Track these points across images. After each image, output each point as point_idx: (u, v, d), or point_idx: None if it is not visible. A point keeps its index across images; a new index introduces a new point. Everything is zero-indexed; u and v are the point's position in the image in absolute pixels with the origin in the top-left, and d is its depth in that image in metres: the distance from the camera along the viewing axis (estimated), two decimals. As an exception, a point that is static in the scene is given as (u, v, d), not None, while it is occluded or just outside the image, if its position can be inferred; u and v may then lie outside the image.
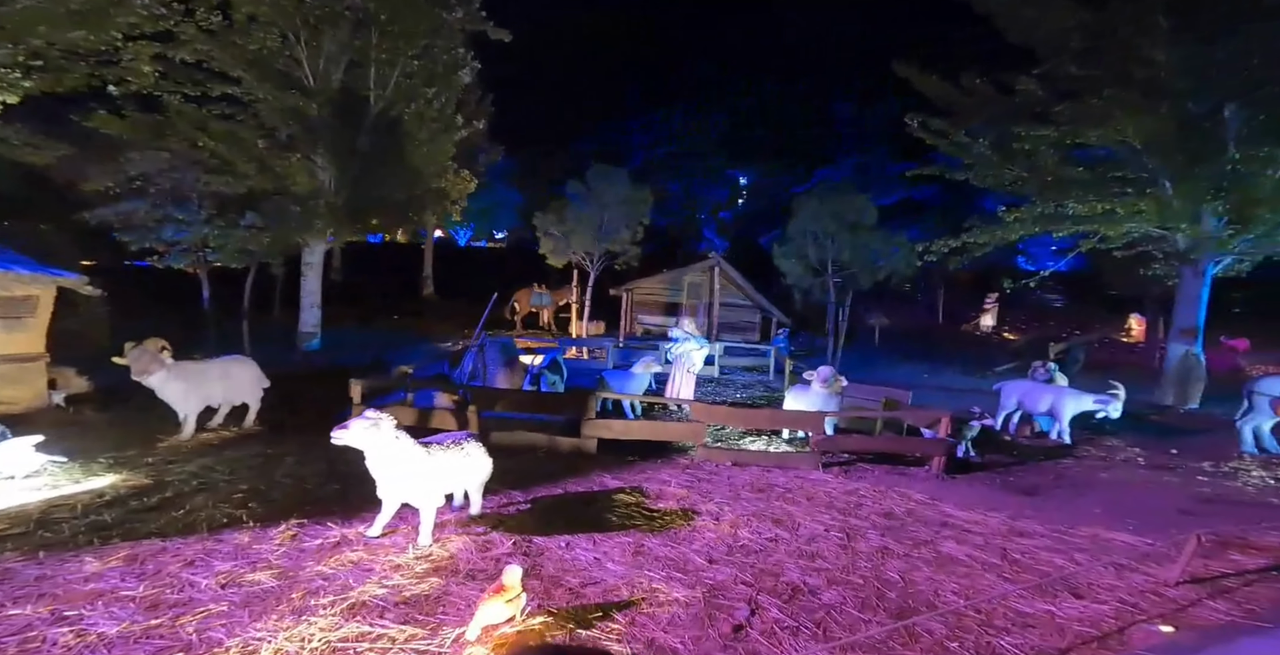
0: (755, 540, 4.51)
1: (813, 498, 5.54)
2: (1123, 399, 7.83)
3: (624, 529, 4.54)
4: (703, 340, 9.49)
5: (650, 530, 4.56)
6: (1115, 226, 10.09)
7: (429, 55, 11.58)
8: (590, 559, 3.99)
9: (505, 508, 4.78)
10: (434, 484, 3.54)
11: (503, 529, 4.28)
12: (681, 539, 4.45)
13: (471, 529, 4.16)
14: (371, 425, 3.23)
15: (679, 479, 5.88)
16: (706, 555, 4.18)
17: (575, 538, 4.29)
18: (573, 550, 4.09)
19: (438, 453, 3.61)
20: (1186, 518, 5.27)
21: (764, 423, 6.83)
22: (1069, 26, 10.36)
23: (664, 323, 21.02)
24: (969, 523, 5.02)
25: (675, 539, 4.43)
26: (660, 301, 21.39)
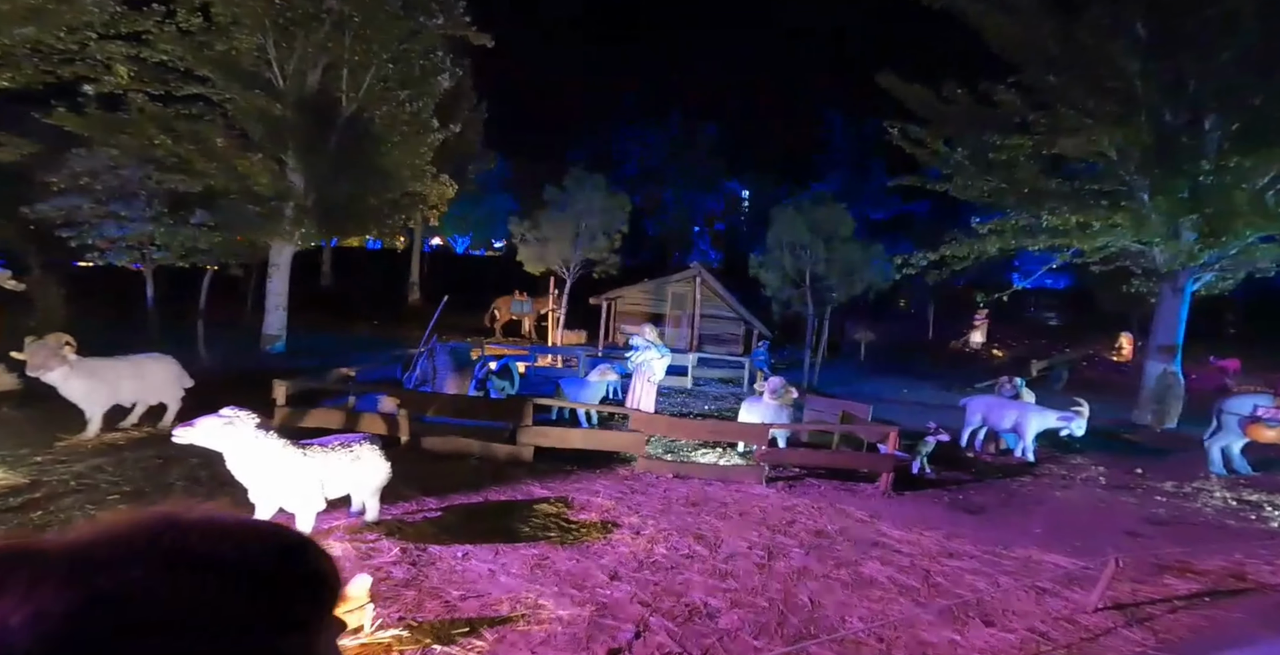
0: (670, 556, 4.31)
1: (746, 513, 5.34)
2: (1086, 416, 7.61)
3: (534, 540, 4.35)
4: (664, 349, 9.28)
5: (561, 542, 4.36)
6: (1090, 240, 9.94)
7: (404, 59, 11.57)
8: (484, 571, 3.80)
9: (413, 515, 4.59)
10: (309, 488, 3.36)
11: (399, 536, 4.09)
12: (591, 553, 4.25)
13: (361, 536, 3.97)
14: (225, 423, 3.06)
15: (612, 490, 5.68)
16: (612, 570, 3.98)
17: (476, 548, 4.10)
18: (468, 561, 3.91)
19: (317, 455, 3.44)
20: (1133, 540, 5.05)
21: (706, 434, 6.63)
22: (1043, 35, 10.29)
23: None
24: (901, 542, 4.80)
25: (585, 552, 4.24)
26: (644, 312, 21.20)
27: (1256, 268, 10.20)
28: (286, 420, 5.62)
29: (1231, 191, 8.64)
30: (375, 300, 24.84)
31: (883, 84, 12.11)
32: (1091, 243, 9.98)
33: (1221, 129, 9.28)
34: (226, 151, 9.25)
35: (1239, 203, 8.33)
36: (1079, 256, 10.91)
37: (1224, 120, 9.22)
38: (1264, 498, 6.42)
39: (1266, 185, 8.82)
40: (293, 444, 3.33)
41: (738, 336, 20.16)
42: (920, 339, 26.38)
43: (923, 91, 11.75)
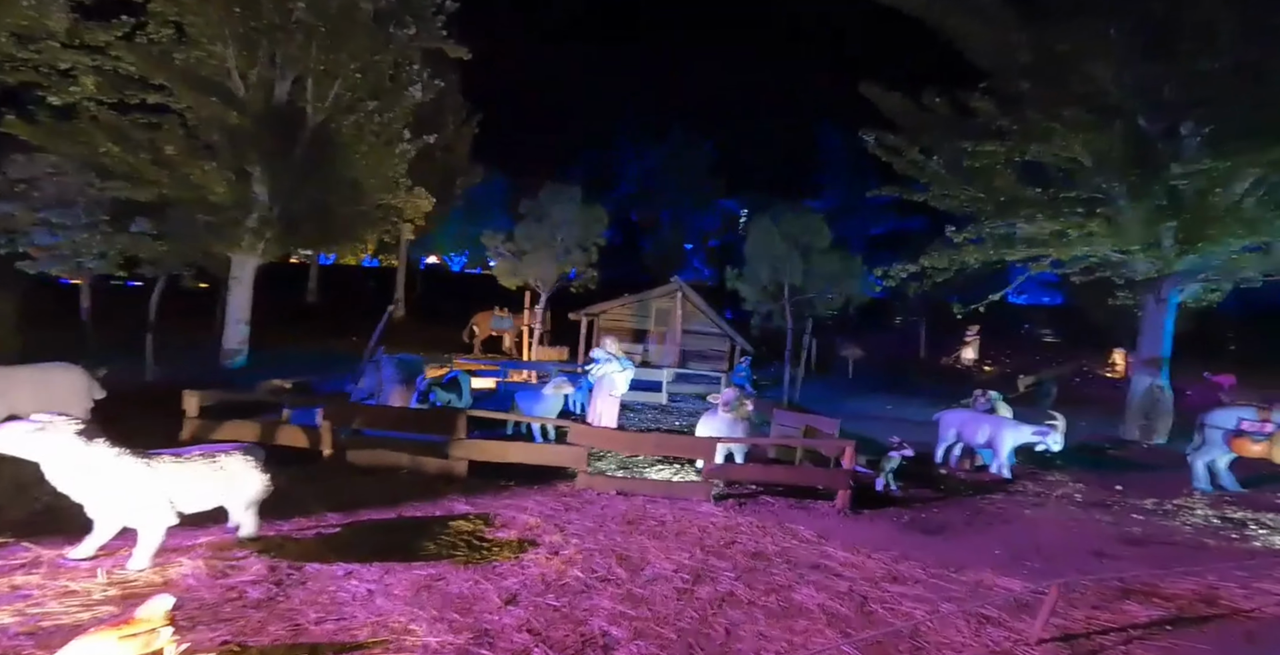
0: (583, 579, 3.93)
1: (684, 533, 4.95)
2: (1062, 430, 7.22)
3: (435, 559, 3.99)
4: (626, 362, 8.96)
5: (466, 562, 4.00)
6: (1066, 249, 9.66)
7: (375, 70, 11.49)
8: (361, 592, 3.43)
9: (306, 531, 4.23)
10: (152, 502, 3.02)
11: (277, 554, 3.72)
12: (495, 574, 3.88)
13: (229, 553, 3.60)
14: (36, 430, 2.74)
15: (545, 507, 5.31)
16: (510, 594, 3.61)
17: (365, 567, 3.73)
18: (348, 581, 3.54)
19: (164, 466, 3.10)
20: (1099, 561, 4.63)
21: (650, 449, 6.26)
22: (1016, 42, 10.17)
23: (631, 349, 20.54)
24: (845, 565, 4.41)
25: (488, 573, 3.87)
26: (628, 328, 20.90)
27: (1242, 278, 9.89)
28: (196, 433, 5.29)
29: (1208, 197, 8.39)
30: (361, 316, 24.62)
31: (865, 93, 12.01)
32: (1069, 252, 9.71)
33: (1198, 135, 9.08)
34: (179, 160, 9.09)
35: (1216, 209, 8.07)
36: (1058, 267, 10.63)
37: (1201, 126, 9.02)
38: (1249, 515, 5.99)
39: (1247, 191, 8.58)
40: (134, 453, 3.01)
41: (723, 353, 19.77)
42: (912, 356, 25.96)
43: (904, 101, 11.63)
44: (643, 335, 20.81)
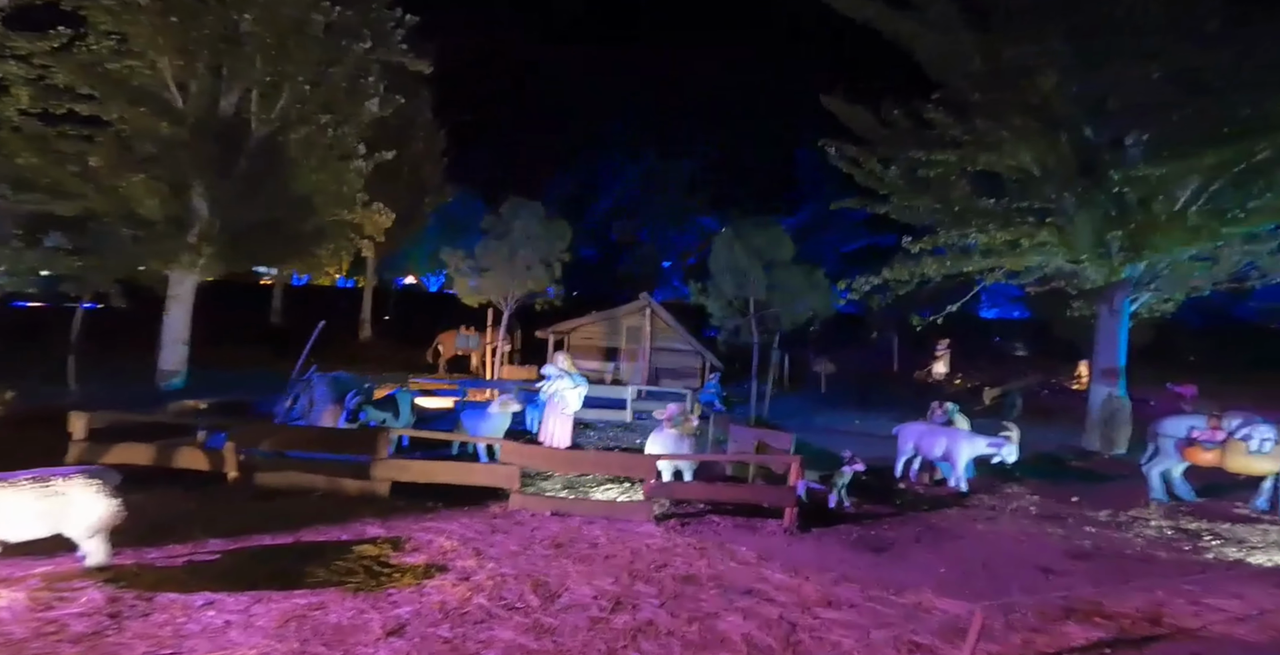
0: (488, 607, 3.61)
1: (614, 556, 4.64)
2: (1017, 441, 7.07)
3: (322, 587, 3.66)
4: (579, 378, 8.68)
5: (357, 589, 3.67)
6: (1019, 259, 9.68)
7: (326, 83, 11.26)
8: (216, 624, 3.09)
9: (174, 558, 3.86)
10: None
11: (126, 584, 3.36)
12: (388, 602, 3.55)
13: (63, 584, 3.23)
14: None
15: (469, 530, 4.98)
16: (397, 625, 3.28)
17: (232, 596, 3.39)
18: (204, 611, 3.20)
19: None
20: (1047, 577, 4.41)
21: (588, 466, 5.95)
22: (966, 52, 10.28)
23: (602, 368, 20.24)
24: (780, 589, 4.13)
25: (378, 602, 3.54)
26: (599, 346, 20.64)
27: (1192, 287, 9.99)
28: (82, 456, 4.88)
29: (1151, 205, 8.46)
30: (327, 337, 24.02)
31: (827, 106, 12.07)
32: (1021, 262, 9.73)
33: (1141, 145, 9.22)
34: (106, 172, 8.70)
35: (1159, 216, 8.13)
36: (1013, 278, 10.65)
37: (1142, 136, 9.17)
38: (1204, 526, 5.84)
39: (1189, 200, 8.69)
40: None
41: (695, 370, 19.52)
42: (885, 370, 25.99)
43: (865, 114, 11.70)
44: (614, 353, 20.54)
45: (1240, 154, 7.70)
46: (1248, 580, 4.12)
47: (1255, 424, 6.06)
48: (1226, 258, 9.21)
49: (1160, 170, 7.80)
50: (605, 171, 44.06)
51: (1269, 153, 7.75)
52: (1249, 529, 5.72)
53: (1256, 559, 4.86)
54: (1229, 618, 3.53)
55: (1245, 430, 6.07)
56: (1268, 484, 6.41)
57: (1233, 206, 8.19)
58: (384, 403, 7.18)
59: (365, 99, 11.95)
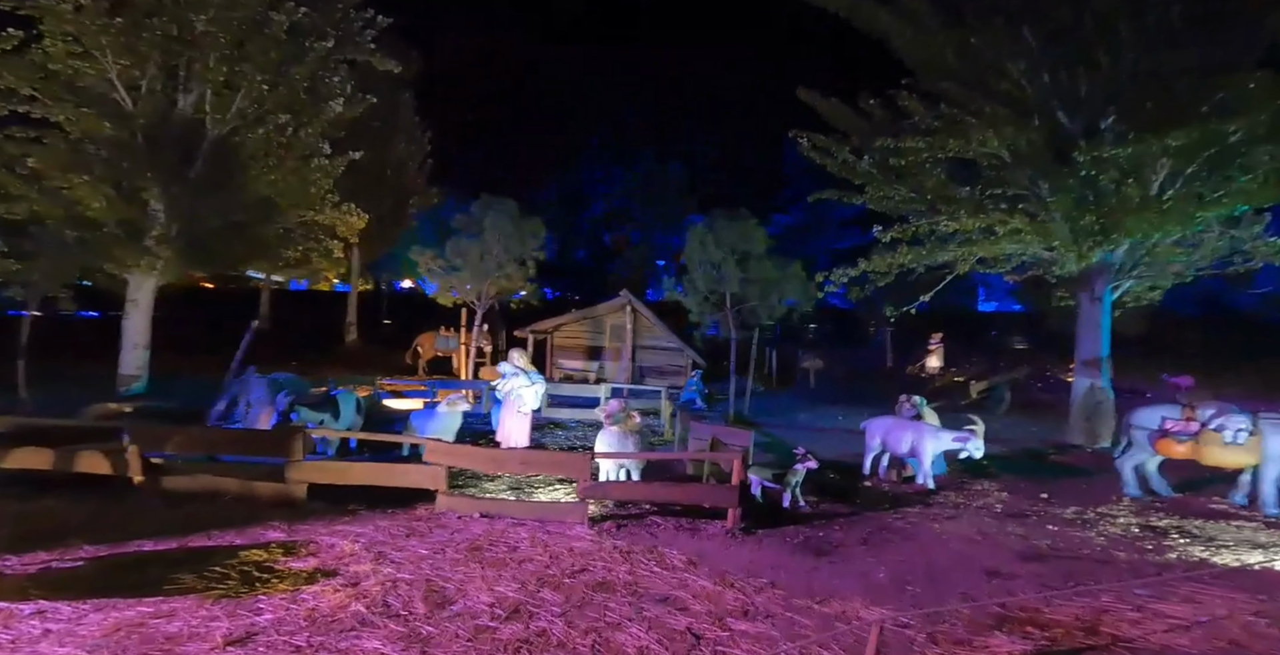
0: (364, 615, 3.35)
1: (531, 560, 4.36)
2: (982, 435, 6.74)
3: (182, 594, 3.44)
4: (536, 376, 8.39)
5: (221, 596, 3.44)
6: (993, 247, 9.36)
7: (286, 82, 11.02)
8: (33, 634, 2.87)
9: (29, 566, 3.65)
10: None
11: None
12: (248, 610, 3.33)
13: None
14: None
15: (383, 533, 4.72)
16: (245, 634, 3.03)
17: (70, 606, 3.19)
18: (28, 621, 2.99)
19: None
20: (990, 582, 4.10)
21: (516, 467, 5.66)
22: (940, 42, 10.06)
23: (586, 367, 19.97)
24: (699, 597, 3.83)
25: (237, 609, 3.31)
26: (582, 345, 20.36)
27: (1174, 273, 9.64)
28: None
29: (1123, 189, 8.15)
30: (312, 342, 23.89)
31: (804, 99, 11.82)
32: (994, 249, 9.42)
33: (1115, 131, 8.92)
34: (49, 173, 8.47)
35: (1130, 200, 7.82)
36: (990, 267, 10.32)
37: (1117, 123, 8.88)
38: (1174, 523, 5.50)
39: (1165, 184, 8.37)
40: None
41: (681, 368, 19.19)
42: (879, 366, 25.59)
43: (840, 106, 11.46)
44: (598, 352, 20.27)
45: (1210, 136, 7.44)
46: (1206, 583, 3.79)
47: (1230, 414, 5.72)
48: (1207, 243, 8.88)
49: (1126, 150, 7.49)
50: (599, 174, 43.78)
51: (1241, 135, 7.49)
52: (1221, 526, 5.38)
53: (1222, 559, 4.53)
54: (1173, 626, 3.21)
55: (1219, 421, 5.72)
56: (1245, 478, 6.06)
57: (1207, 190, 7.88)
58: (322, 403, 6.91)
59: (329, 99, 11.70)
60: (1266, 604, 3.49)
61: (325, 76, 11.67)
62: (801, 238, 36.39)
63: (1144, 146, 7.38)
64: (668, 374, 19.52)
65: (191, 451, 5.23)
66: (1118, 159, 7.58)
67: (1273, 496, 5.72)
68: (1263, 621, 3.24)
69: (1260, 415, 5.73)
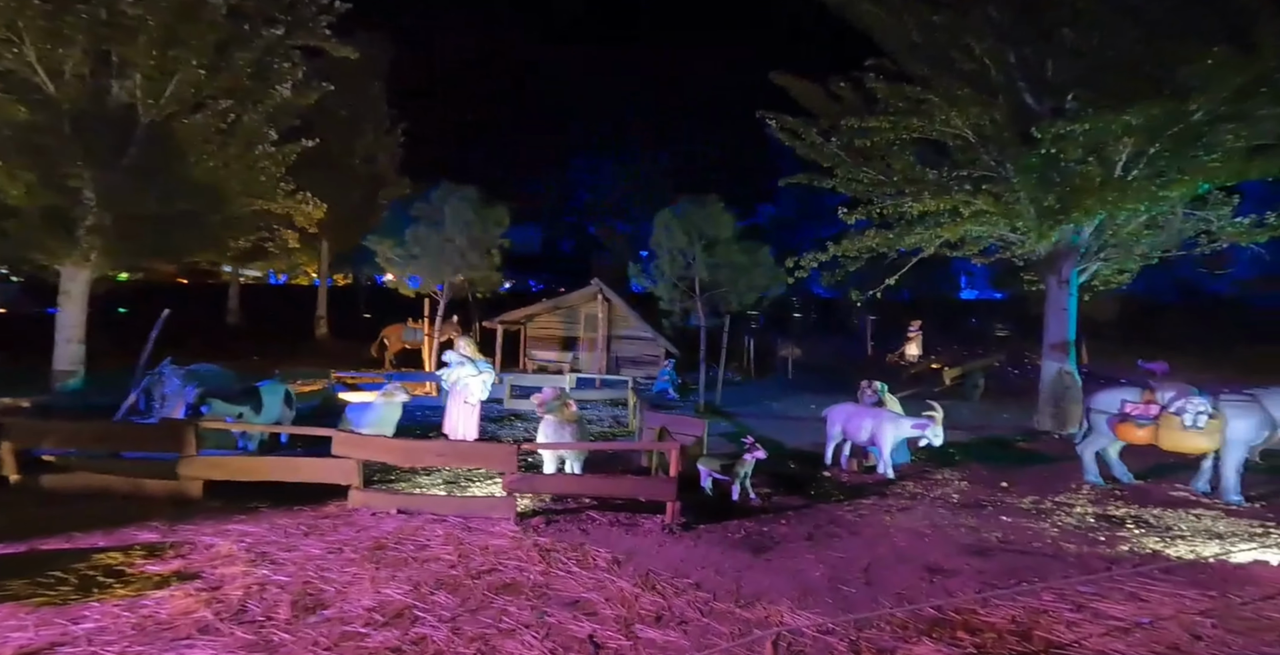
0: (209, 622, 3.09)
1: (437, 559, 4.05)
2: (941, 421, 6.47)
3: None
4: (485, 365, 8.02)
5: (46, 604, 3.17)
6: (958, 228, 9.10)
7: (229, 67, 10.51)
8: None
9: None
10: None
11: None
12: (69, 618, 3.09)
13: None
14: None
15: (276, 533, 4.40)
16: (46, 643, 2.76)
17: None
18: None
19: None
20: (931, 580, 3.82)
21: (432, 458, 5.28)
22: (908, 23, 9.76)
23: (560, 358, 19.59)
24: (611, 601, 3.53)
25: (56, 618, 3.07)
26: (557, 336, 19.97)
27: (1138, 256, 9.43)
28: None
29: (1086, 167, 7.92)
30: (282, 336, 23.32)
31: (778, 82, 11.48)
32: (958, 231, 9.16)
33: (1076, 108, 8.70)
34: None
35: (1092, 179, 7.59)
36: (957, 249, 10.07)
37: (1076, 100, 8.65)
38: (1131, 512, 5.27)
39: (1129, 163, 8.13)
40: None
41: (656, 358, 18.91)
42: (859, 355, 25.45)
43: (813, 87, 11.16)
44: (573, 342, 19.89)
45: (1172, 114, 7.24)
46: (1154, 578, 3.55)
47: (1189, 396, 5.48)
48: (1172, 224, 8.68)
49: (1084, 126, 7.25)
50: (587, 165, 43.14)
51: (1203, 114, 7.30)
52: (1179, 515, 5.16)
53: (1176, 550, 4.29)
54: (1112, 628, 2.95)
55: (1179, 404, 5.48)
56: (1207, 464, 5.85)
57: (1170, 169, 7.66)
58: (242, 396, 6.48)
59: (279, 85, 11.22)
60: (1215, 601, 3.25)
61: (274, 62, 11.18)
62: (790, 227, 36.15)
63: (1104, 122, 7.14)
64: (644, 364, 19.19)
65: (73, 447, 4.84)
66: (1076, 135, 7.34)
67: (1234, 483, 5.51)
68: (1208, 622, 2.99)
69: (1221, 397, 5.50)
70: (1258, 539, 4.52)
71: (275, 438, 6.78)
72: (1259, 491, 5.82)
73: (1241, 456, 5.55)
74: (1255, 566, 3.83)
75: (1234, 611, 3.11)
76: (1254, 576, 3.64)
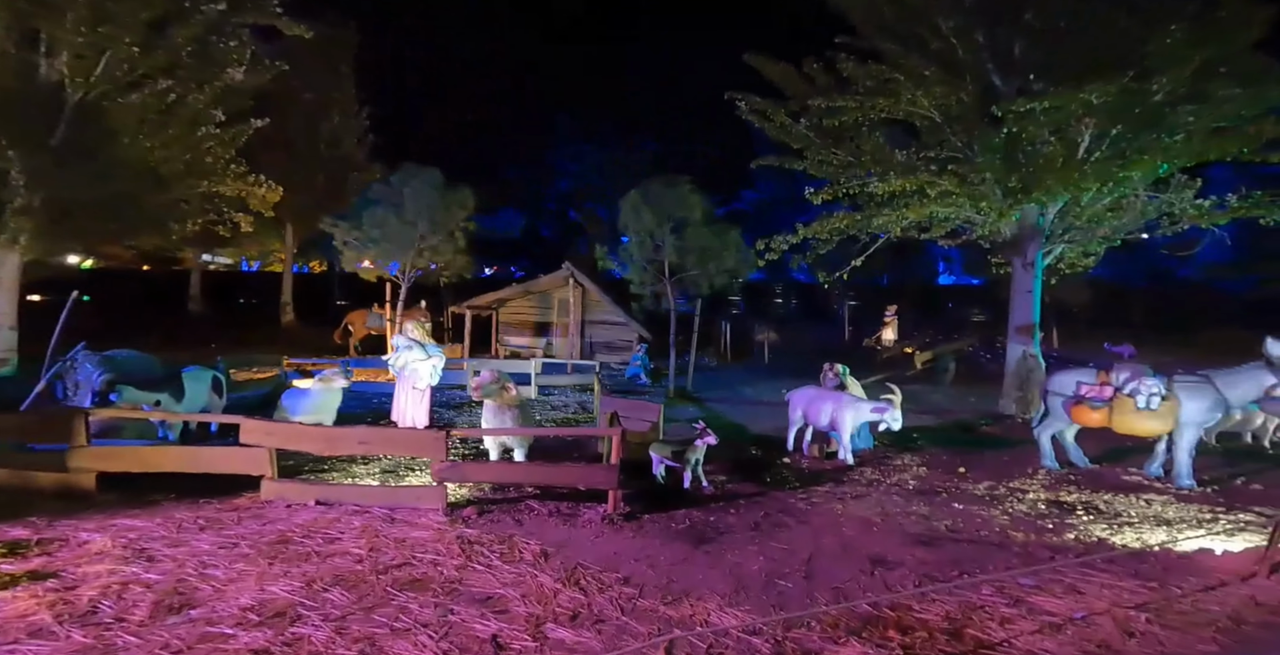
0: (38, 626, 2.91)
1: (343, 554, 3.81)
2: (899, 404, 6.32)
3: None
4: (435, 348, 7.71)
5: None
6: (923, 209, 8.93)
7: (166, 45, 9.96)
8: None
9: None
10: None
11: None
12: None
13: None
14: None
15: (166, 528, 4.15)
16: None
17: None
18: None
19: None
20: (874, 572, 3.66)
21: (353, 446, 4.97)
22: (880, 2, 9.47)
23: (534, 343, 19.27)
24: (528, 597, 3.31)
25: None
26: (529, 321, 19.62)
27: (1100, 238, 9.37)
28: None
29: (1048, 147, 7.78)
30: (247, 323, 22.66)
31: (751, 63, 11.13)
32: (923, 211, 9.01)
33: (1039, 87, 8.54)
34: None
35: (1055, 158, 7.46)
36: (925, 230, 9.92)
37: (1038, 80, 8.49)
38: (1083, 498, 5.18)
39: (1091, 145, 8.01)
40: None
41: (631, 343, 18.67)
42: (837, 340, 25.50)
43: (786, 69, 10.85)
44: (546, 328, 19.56)
45: (1132, 94, 7.11)
46: (1096, 569, 3.42)
47: (1142, 377, 5.37)
48: (1133, 206, 8.61)
49: (1043, 104, 7.10)
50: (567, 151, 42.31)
51: (1164, 95, 7.19)
52: (1130, 500, 5.08)
53: (1123, 538, 4.19)
54: (1045, 625, 2.80)
55: (1133, 385, 5.38)
56: (1160, 447, 5.78)
57: (1132, 150, 7.56)
58: (161, 382, 6.08)
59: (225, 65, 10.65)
60: (1155, 593, 3.13)
61: (219, 41, 10.61)
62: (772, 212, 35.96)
63: (1064, 100, 7.01)
64: (618, 349, 18.96)
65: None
66: (1037, 113, 7.20)
67: (1186, 467, 5.45)
68: (1143, 617, 2.86)
69: (1174, 378, 5.40)
70: (1205, 526, 4.45)
71: (205, 427, 6.42)
72: (1211, 476, 5.79)
73: (1194, 439, 5.49)
74: (1199, 555, 3.73)
75: (1172, 605, 2.98)
76: (1197, 566, 3.54)
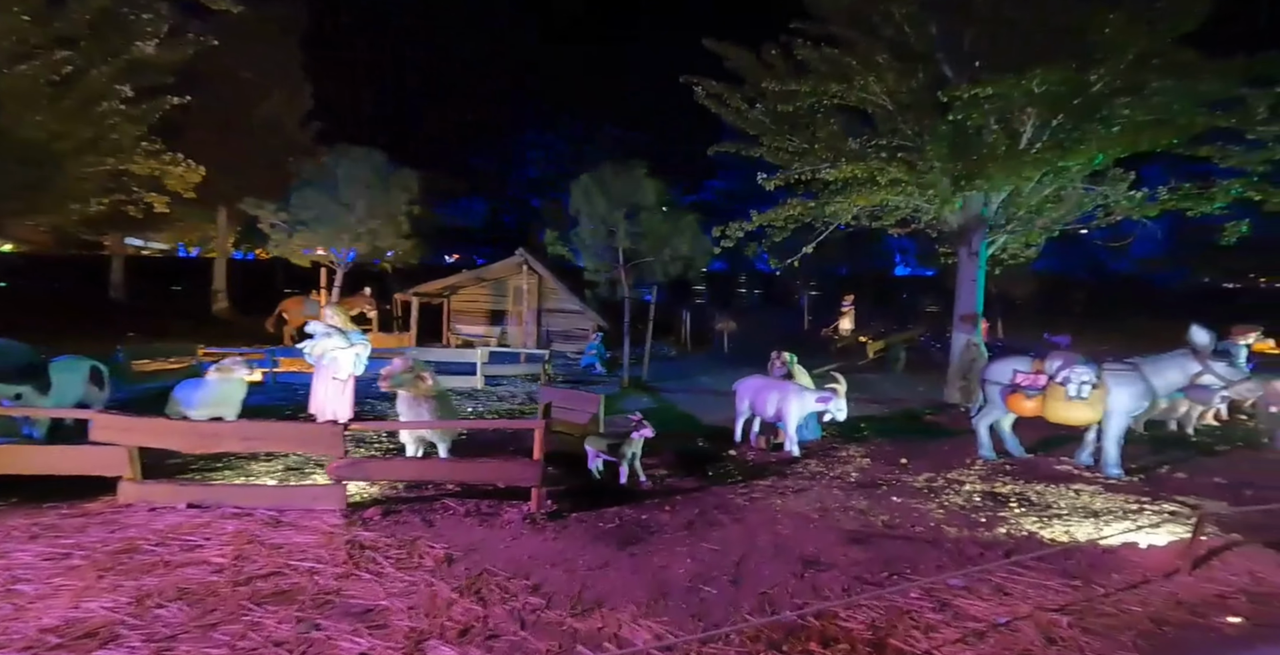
0: None
1: (200, 564, 3.47)
2: (844, 394, 6.20)
3: None
4: (358, 336, 7.21)
5: None
6: (870, 196, 8.88)
7: (63, 16, 9.08)
8: None
9: None
10: None
11: None
12: None
13: None
14: None
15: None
16: None
17: None
18: None
19: None
20: (804, 574, 3.48)
21: (234, 443, 4.48)
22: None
23: (489, 332, 18.69)
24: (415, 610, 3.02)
25: None
26: (483, 308, 19.02)
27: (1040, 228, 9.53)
28: None
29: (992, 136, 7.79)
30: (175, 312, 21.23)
31: (710, 48, 10.79)
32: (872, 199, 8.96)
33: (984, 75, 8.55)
34: None
35: (998, 147, 7.49)
36: (876, 218, 9.89)
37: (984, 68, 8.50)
38: (1017, 489, 5.17)
39: (1034, 136, 8.09)
40: None
41: (587, 332, 18.32)
42: (798, 329, 25.74)
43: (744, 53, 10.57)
44: (500, 316, 19.01)
45: (1073, 84, 7.17)
46: (1024, 567, 3.32)
47: (1074, 365, 5.37)
48: (1071, 198, 8.77)
49: (986, 90, 7.10)
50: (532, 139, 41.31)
51: (1103, 86, 7.26)
52: (1060, 491, 5.08)
53: (1052, 532, 4.15)
54: (968, 632, 2.66)
55: (1064, 373, 5.37)
56: (1090, 436, 5.84)
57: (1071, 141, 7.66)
58: (21, 373, 5.41)
59: (137, 38, 9.78)
60: (1078, 592, 3.04)
61: (129, 14, 9.72)
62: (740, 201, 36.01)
63: (1005, 87, 7.03)
64: (575, 338, 18.58)
65: None
66: (980, 100, 7.16)
67: (1114, 456, 5.50)
68: (1065, 619, 2.75)
69: (1105, 366, 5.42)
70: (1131, 517, 4.46)
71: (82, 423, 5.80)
72: (1139, 464, 5.88)
73: (1123, 427, 5.53)
74: (1124, 550, 3.69)
75: (1094, 606, 2.90)
76: (1121, 562, 3.49)
